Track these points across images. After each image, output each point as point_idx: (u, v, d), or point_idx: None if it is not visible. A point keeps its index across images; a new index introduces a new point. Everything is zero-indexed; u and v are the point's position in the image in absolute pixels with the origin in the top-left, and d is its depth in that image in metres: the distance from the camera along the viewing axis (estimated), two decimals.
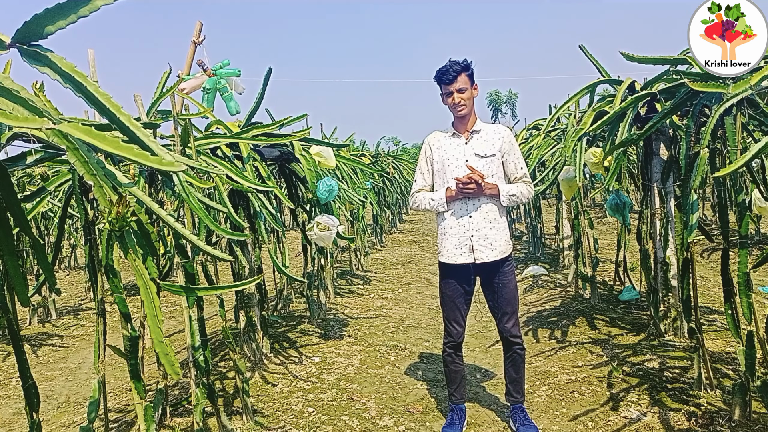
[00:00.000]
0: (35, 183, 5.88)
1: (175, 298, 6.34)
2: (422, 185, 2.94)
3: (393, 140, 45.89)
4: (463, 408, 3.00)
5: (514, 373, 2.90)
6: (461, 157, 2.80)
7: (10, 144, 1.76)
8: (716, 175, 2.02)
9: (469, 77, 2.75)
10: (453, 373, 2.96)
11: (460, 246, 2.78)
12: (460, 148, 2.82)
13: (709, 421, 2.66)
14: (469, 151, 2.81)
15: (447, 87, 2.75)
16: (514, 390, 2.92)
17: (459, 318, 2.89)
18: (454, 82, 2.72)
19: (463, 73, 2.72)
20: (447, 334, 2.93)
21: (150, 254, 1.93)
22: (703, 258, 6.80)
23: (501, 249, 2.78)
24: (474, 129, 2.84)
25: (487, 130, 2.86)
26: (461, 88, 2.73)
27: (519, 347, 2.86)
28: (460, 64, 2.73)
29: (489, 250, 2.76)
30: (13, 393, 3.94)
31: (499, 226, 2.79)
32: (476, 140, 2.82)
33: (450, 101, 2.77)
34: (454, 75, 2.71)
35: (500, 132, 2.85)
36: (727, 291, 2.64)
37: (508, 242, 2.83)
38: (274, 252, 4.19)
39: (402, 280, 7.23)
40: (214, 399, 2.61)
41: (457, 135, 2.85)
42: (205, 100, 3.31)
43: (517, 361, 2.88)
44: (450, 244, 2.81)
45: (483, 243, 2.76)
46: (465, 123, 2.84)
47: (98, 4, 1.01)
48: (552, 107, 7.13)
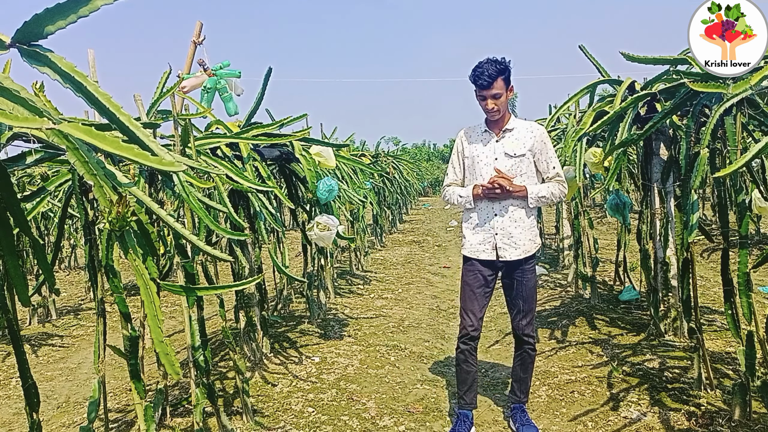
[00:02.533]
0: (35, 183, 5.88)
1: (175, 298, 6.34)
2: (453, 179, 2.90)
3: (393, 140, 45.78)
4: (470, 415, 2.87)
5: (521, 373, 2.87)
6: (491, 155, 2.74)
7: (10, 144, 1.76)
8: (716, 176, 2.02)
9: (505, 81, 2.62)
10: (464, 373, 2.83)
11: (484, 243, 2.75)
12: (491, 145, 2.76)
13: (709, 421, 2.66)
14: (499, 149, 2.74)
15: (481, 92, 2.63)
16: (519, 389, 2.89)
17: (476, 308, 2.78)
18: (489, 87, 2.59)
19: (500, 77, 2.58)
20: (462, 327, 2.82)
21: (150, 254, 1.93)
22: (703, 258, 6.80)
23: (525, 248, 2.73)
24: (507, 127, 2.75)
25: (520, 128, 2.76)
26: (496, 93, 2.61)
27: (530, 347, 2.82)
28: (497, 67, 2.57)
29: (512, 248, 2.72)
30: (13, 393, 3.94)
31: (524, 225, 2.72)
32: (508, 139, 2.74)
33: (484, 105, 2.67)
34: (490, 81, 2.57)
35: (533, 131, 2.75)
36: (727, 291, 2.64)
37: (533, 241, 2.76)
38: (274, 252, 4.19)
39: (402, 280, 7.23)
40: (214, 399, 2.61)
41: (489, 132, 2.78)
42: (205, 99, 3.32)
43: (526, 360, 2.84)
44: (474, 239, 2.78)
45: (507, 242, 2.72)
46: (499, 123, 2.76)
47: (98, 4, 1.01)
48: (552, 107, 7.13)
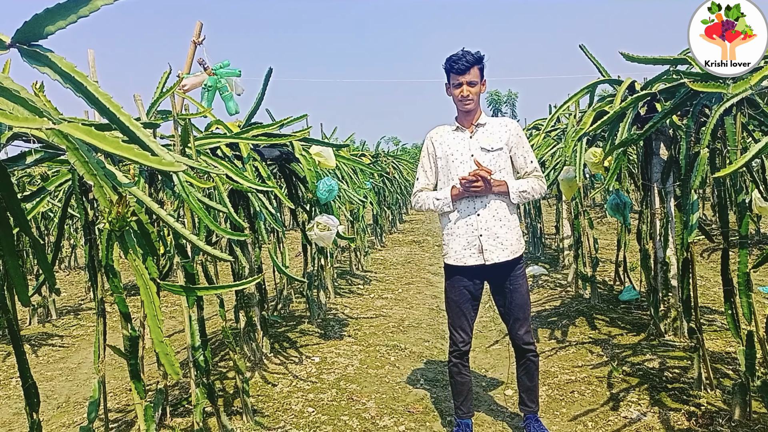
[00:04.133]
0: (35, 183, 5.88)
1: (175, 298, 6.34)
2: (425, 184, 2.76)
3: (393, 140, 45.84)
4: (469, 424, 2.81)
5: (528, 382, 2.74)
6: (466, 152, 2.63)
7: (10, 144, 1.76)
8: (716, 175, 2.02)
9: (480, 71, 2.58)
10: (459, 385, 2.77)
11: (469, 246, 2.61)
12: (465, 142, 2.65)
13: (709, 421, 2.66)
14: (474, 145, 2.63)
15: (457, 77, 2.55)
16: (528, 399, 2.77)
17: (465, 325, 2.70)
18: (465, 73, 2.53)
19: (476, 65, 2.54)
20: (452, 343, 2.74)
21: (150, 254, 1.93)
22: (703, 258, 6.80)
23: (512, 248, 2.61)
24: (479, 122, 2.67)
25: (493, 123, 2.69)
26: (472, 81, 2.55)
27: (533, 354, 2.70)
28: (474, 55, 2.54)
29: (500, 249, 2.59)
30: (13, 393, 3.94)
31: (509, 224, 2.61)
32: (482, 133, 2.65)
33: (458, 93, 2.58)
34: (467, 65, 2.52)
35: (507, 125, 2.68)
36: (727, 291, 2.64)
37: (519, 241, 2.65)
38: (274, 252, 4.19)
39: (402, 280, 7.23)
40: (214, 399, 2.61)
41: (461, 129, 2.68)
42: (205, 99, 3.32)
43: (530, 369, 2.71)
44: (457, 245, 2.63)
45: (493, 242, 2.58)
46: (470, 117, 2.66)
47: (98, 4, 1.01)
48: (552, 107, 7.13)
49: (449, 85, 2.64)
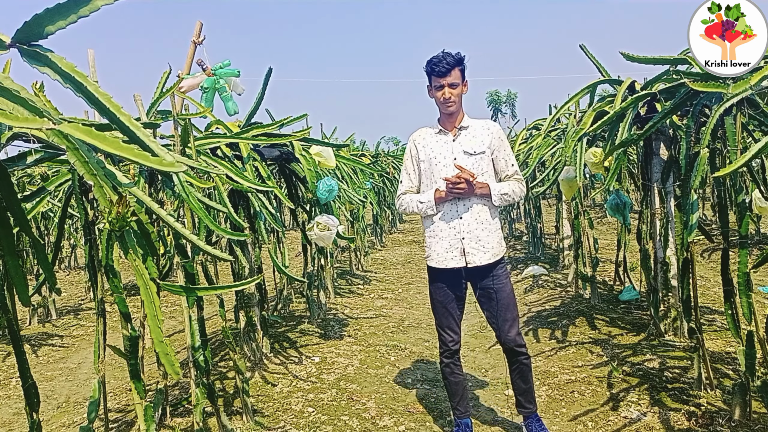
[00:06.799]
0: (35, 183, 5.88)
1: (175, 298, 6.34)
2: (409, 186, 2.78)
3: (393, 140, 45.94)
4: (469, 423, 2.80)
5: (522, 384, 2.71)
6: (449, 156, 2.64)
7: (10, 144, 1.76)
8: (716, 175, 2.02)
9: (461, 72, 2.59)
10: (453, 385, 2.77)
11: (451, 249, 2.63)
12: (448, 145, 2.65)
13: (709, 421, 2.66)
14: (457, 148, 2.64)
15: (438, 80, 2.56)
16: (526, 401, 2.74)
17: (453, 324, 2.71)
18: (447, 75, 2.54)
19: (457, 67, 2.56)
20: (441, 343, 2.75)
21: (150, 254, 1.92)
22: (703, 258, 6.80)
23: (494, 251, 2.62)
24: (462, 125, 2.67)
25: (476, 125, 2.69)
26: (453, 82, 2.56)
27: (524, 356, 2.67)
28: (454, 56, 2.55)
29: (481, 252, 2.60)
30: (13, 393, 3.94)
31: (491, 227, 2.63)
32: (464, 137, 2.66)
33: (440, 95, 2.59)
34: (448, 68, 2.53)
35: (489, 128, 2.69)
36: (727, 291, 2.64)
37: (500, 244, 2.66)
38: (274, 252, 4.19)
39: (402, 280, 7.23)
40: (214, 399, 2.61)
41: (444, 132, 2.68)
42: (204, 99, 3.32)
43: (524, 371, 2.68)
44: (440, 247, 2.66)
45: (475, 245, 2.60)
46: (453, 120, 2.67)
47: (98, 4, 1.01)
48: (552, 107, 7.13)
49: (431, 88, 2.65)
